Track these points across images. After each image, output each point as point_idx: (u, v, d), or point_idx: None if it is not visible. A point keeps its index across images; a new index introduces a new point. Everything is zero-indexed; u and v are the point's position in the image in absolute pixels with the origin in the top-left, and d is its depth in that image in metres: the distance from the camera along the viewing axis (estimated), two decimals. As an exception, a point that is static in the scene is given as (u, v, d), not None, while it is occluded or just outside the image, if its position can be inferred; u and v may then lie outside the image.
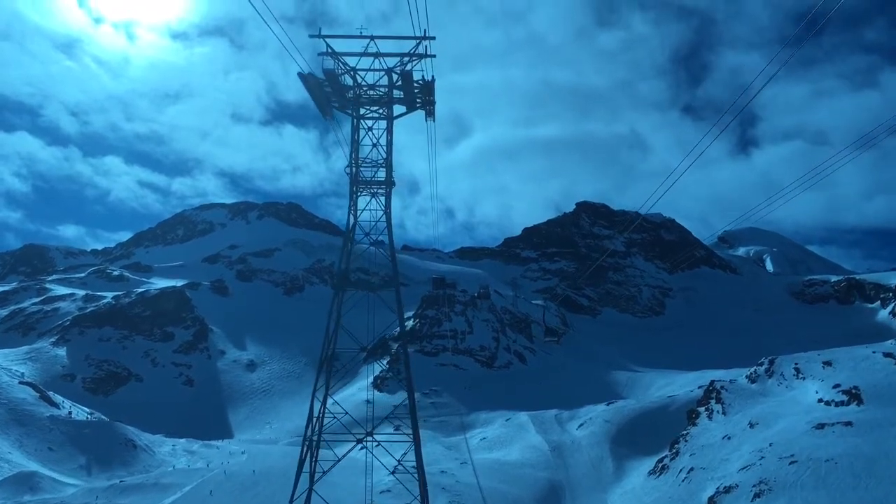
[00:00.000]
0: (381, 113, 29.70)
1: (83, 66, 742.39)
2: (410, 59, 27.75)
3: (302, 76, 26.92)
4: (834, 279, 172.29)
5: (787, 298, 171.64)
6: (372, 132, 29.54)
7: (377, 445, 29.59)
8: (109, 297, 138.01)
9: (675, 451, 55.18)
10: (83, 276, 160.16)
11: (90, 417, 74.73)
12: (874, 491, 35.77)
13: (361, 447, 30.19)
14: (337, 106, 29.60)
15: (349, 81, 28.89)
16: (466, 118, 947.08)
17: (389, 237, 30.19)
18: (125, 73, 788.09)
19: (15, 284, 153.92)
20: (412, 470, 29.72)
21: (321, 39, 27.23)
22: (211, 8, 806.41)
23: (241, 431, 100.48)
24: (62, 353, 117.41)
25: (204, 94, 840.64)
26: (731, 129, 23.75)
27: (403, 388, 31.09)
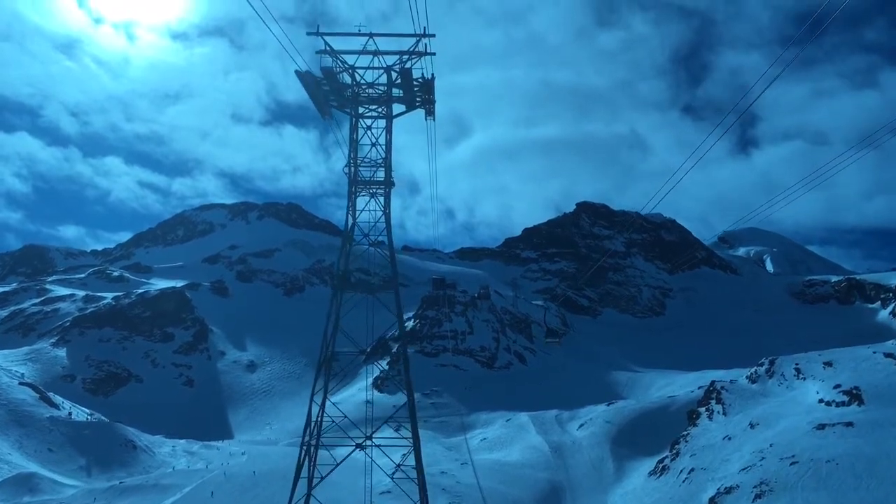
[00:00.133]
0: (380, 112, 29.18)
1: (83, 66, 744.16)
2: (410, 57, 27.26)
3: (299, 74, 26.49)
4: (834, 279, 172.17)
5: (787, 299, 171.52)
6: (371, 131, 29.01)
7: (377, 446, 29.39)
8: (109, 297, 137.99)
9: (675, 451, 55.12)
10: (83, 276, 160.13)
11: (90, 418, 74.67)
12: (875, 491, 35.70)
13: (364, 441, 30.00)
14: (335, 105, 29.12)
15: (347, 80, 28.38)
16: (466, 118, 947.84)
17: (389, 238, 29.71)
18: (125, 73, 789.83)
19: (15, 285, 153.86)
20: (412, 473, 29.50)
21: (319, 38, 26.80)
22: (211, 8, 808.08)
23: (241, 432, 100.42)
24: (62, 353, 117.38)
25: (204, 94, 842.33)
26: (731, 129, 23.69)
27: (403, 389, 30.84)
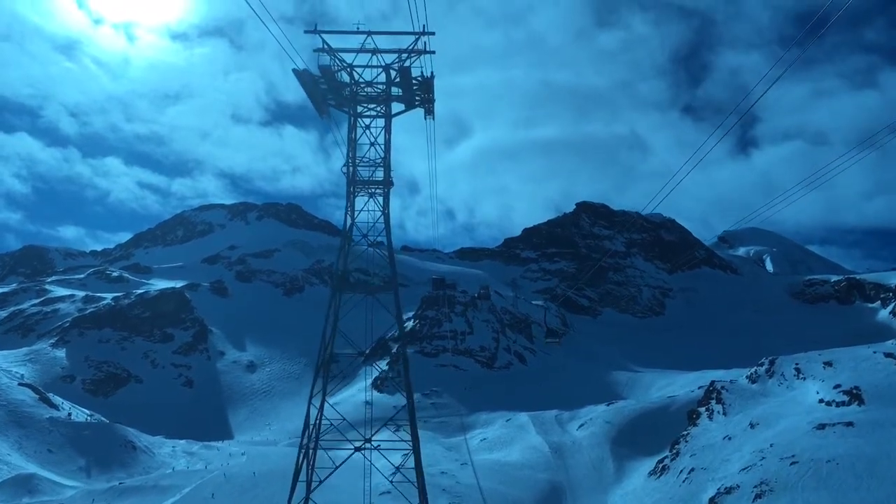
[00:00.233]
0: (378, 111, 28.88)
1: (83, 67, 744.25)
2: (409, 55, 26.92)
3: (297, 73, 26.21)
4: (834, 279, 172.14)
5: (787, 298, 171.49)
6: (369, 131, 28.72)
7: (377, 447, 29.25)
8: (109, 298, 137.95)
9: (675, 451, 55.03)
10: (83, 277, 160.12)
11: (90, 419, 74.59)
12: (876, 492, 35.62)
13: (363, 444, 29.86)
14: (333, 104, 28.83)
15: (346, 78, 28.05)
16: (466, 119, 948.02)
17: (388, 238, 29.39)
18: (125, 73, 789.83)
19: (14, 286, 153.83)
20: (412, 474, 29.34)
21: (318, 37, 26.51)
22: (210, 9, 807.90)
23: (240, 432, 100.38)
24: (62, 354, 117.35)
25: (204, 94, 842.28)
26: (728, 127, 23.60)
27: (403, 389, 30.69)
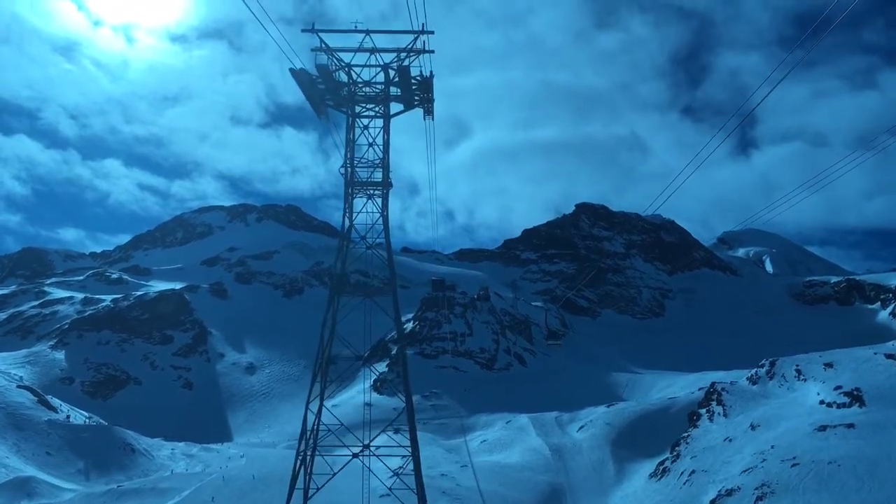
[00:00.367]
0: (377, 111, 28.47)
1: (82, 68, 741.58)
2: (408, 54, 26.51)
3: (294, 72, 25.82)
4: (834, 280, 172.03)
5: (787, 299, 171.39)
6: (368, 131, 28.27)
7: (376, 450, 28.99)
8: (108, 300, 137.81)
9: (676, 453, 54.87)
10: (82, 279, 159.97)
11: (88, 421, 74.48)
12: (877, 493, 35.50)
13: (361, 450, 29.61)
14: (331, 104, 28.44)
15: (344, 78, 27.65)
16: (466, 120, 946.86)
17: (387, 241, 28.97)
18: (124, 75, 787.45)
19: (14, 288, 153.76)
20: (411, 477, 29.05)
21: (316, 37, 26.14)
22: (210, 10, 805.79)
23: (240, 434, 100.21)
24: (61, 356, 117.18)
25: (203, 96, 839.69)
26: (729, 129, 23.56)
27: (403, 392, 30.47)
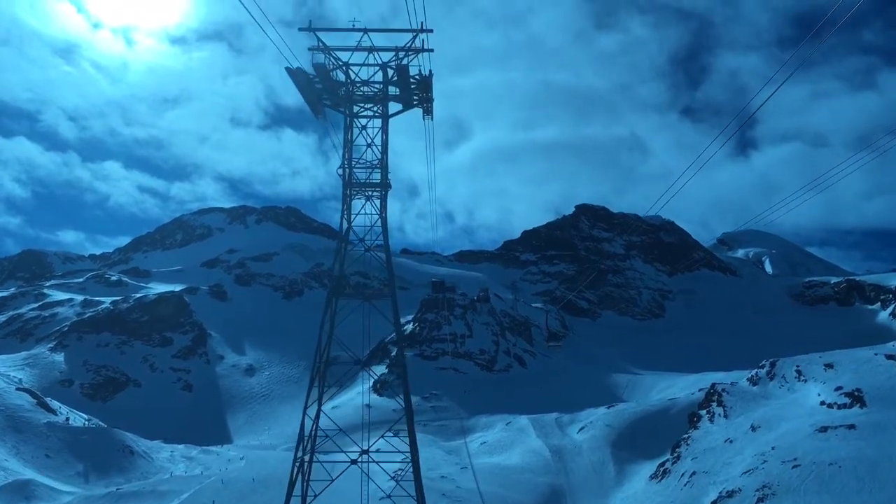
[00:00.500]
0: (375, 111, 27.99)
1: (82, 71, 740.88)
2: (406, 53, 26.01)
3: (290, 71, 25.35)
4: (833, 281, 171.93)
5: (786, 300, 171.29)
6: (366, 131, 27.77)
7: (376, 455, 28.72)
8: (108, 302, 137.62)
9: (676, 454, 54.76)
10: (81, 281, 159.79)
11: (88, 424, 74.36)
12: (878, 495, 35.43)
13: (360, 456, 29.37)
14: (329, 104, 27.97)
15: (341, 77, 27.15)
16: (465, 121, 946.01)
17: (385, 243, 28.53)
18: (124, 77, 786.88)
19: (13, 290, 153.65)
20: (411, 483, 28.75)
21: (313, 35, 25.68)
22: (209, 12, 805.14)
23: (239, 437, 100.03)
24: (60, 358, 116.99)
25: (202, 98, 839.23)
26: (730, 131, 23.52)
27: (402, 394, 30.24)
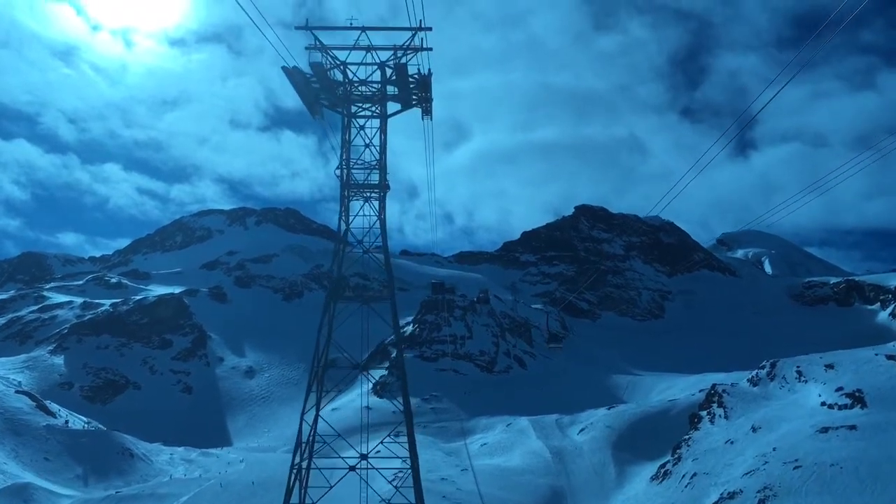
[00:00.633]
0: (373, 111, 27.68)
1: (81, 73, 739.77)
2: (405, 52, 25.65)
3: (286, 70, 25.07)
4: (833, 281, 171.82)
5: (786, 300, 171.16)
6: (364, 132, 27.47)
7: (373, 468, 28.37)
8: (107, 304, 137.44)
9: (677, 456, 54.63)
10: (81, 283, 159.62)
11: (87, 426, 74.24)
12: (880, 496, 35.30)
13: (358, 462, 29.10)
14: (326, 104, 27.65)
15: (339, 77, 26.82)
16: (465, 123, 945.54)
17: (384, 245, 28.25)
18: (123, 80, 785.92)
19: (13, 292, 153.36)
20: (410, 487, 28.53)
21: (310, 35, 25.38)
22: (209, 14, 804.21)
23: (239, 439, 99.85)
24: (60, 361, 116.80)
25: (202, 100, 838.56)
26: (730, 132, 23.43)
27: (402, 395, 30.07)
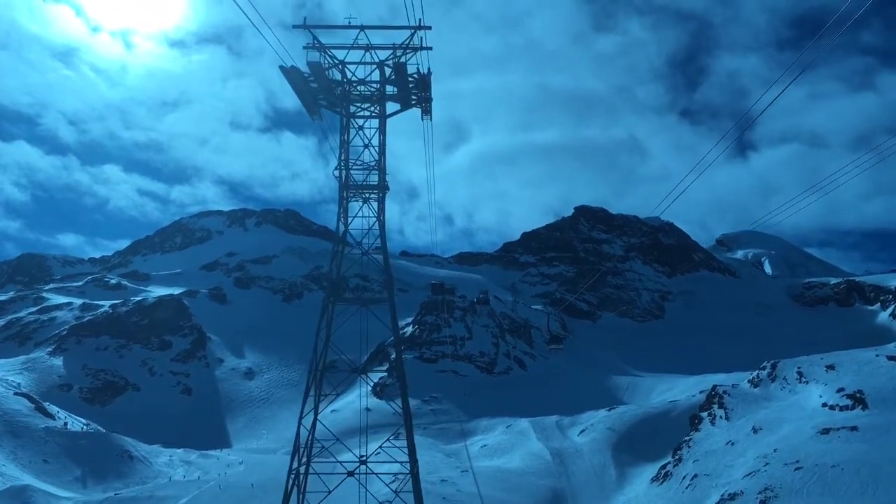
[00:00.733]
0: (372, 111, 27.24)
1: (81, 74, 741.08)
2: (404, 51, 25.27)
3: (284, 70, 24.67)
4: (833, 282, 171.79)
5: (786, 301, 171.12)
6: (363, 132, 27.02)
7: (372, 473, 28.16)
8: (107, 305, 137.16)
9: (678, 457, 54.50)
10: (80, 284, 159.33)
11: (86, 428, 74.05)
12: (881, 497, 35.19)
13: (357, 467, 28.91)
14: (325, 104, 27.24)
15: (337, 76, 26.43)
16: (465, 124, 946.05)
17: (383, 246, 27.84)
18: (123, 81, 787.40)
19: (12, 294, 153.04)
20: (409, 492, 28.32)
21: (309, 35, 25.03)
22: (209, 16, 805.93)
23: (239, 440, 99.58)
24: (59, 362, 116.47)
25: (202, 101, 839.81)
26: (730, 133, 23.38)
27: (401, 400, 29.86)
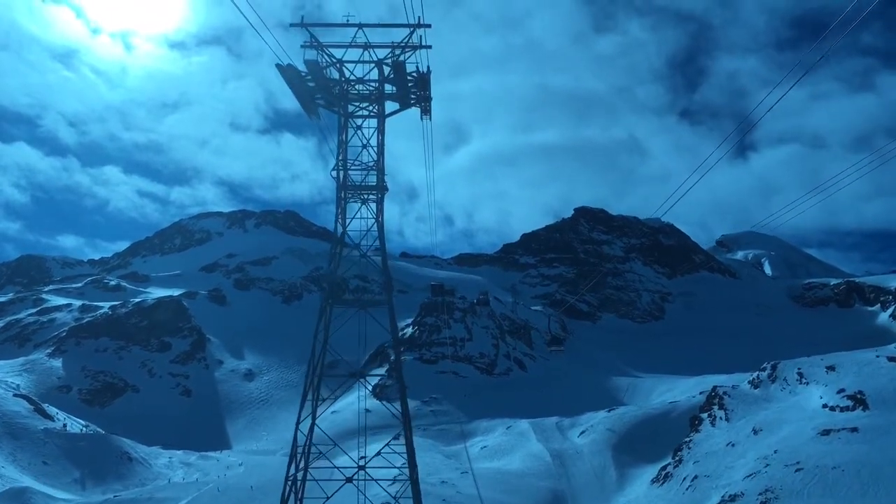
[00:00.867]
0: (371, 110, 26.92)
1: (81, 76, 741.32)
2: (403, 49, 24.95)
3: (281, 68, 24.31)
4: (833, 282, 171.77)
5: (786, 302, 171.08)
6: (361, 131, 26.70)
7: (371, 479, 28.05)
8: (106, 307, 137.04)
9: (678, 458, 54.41)
10: (80, 286, 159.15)
11: (85, 430, 73.96)
12: (882, 499, 35.10)
13: (356, 472, 28.78)
14: (322, 103, 26.93)
15: (335, 75, 26.11)
16: (464, 125, 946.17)
17: (382, 248, 27.55)
18: (123, 82, 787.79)
19: (11, 295, 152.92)
20: (409, 497, 28.16)
21: (306, 34, 24.74)
22: (209, 17, 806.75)
23: (238, 442, 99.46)
24: (58, 364, 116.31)
25: (202, 103, 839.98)
26: (730, 134, 23.46)
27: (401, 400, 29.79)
